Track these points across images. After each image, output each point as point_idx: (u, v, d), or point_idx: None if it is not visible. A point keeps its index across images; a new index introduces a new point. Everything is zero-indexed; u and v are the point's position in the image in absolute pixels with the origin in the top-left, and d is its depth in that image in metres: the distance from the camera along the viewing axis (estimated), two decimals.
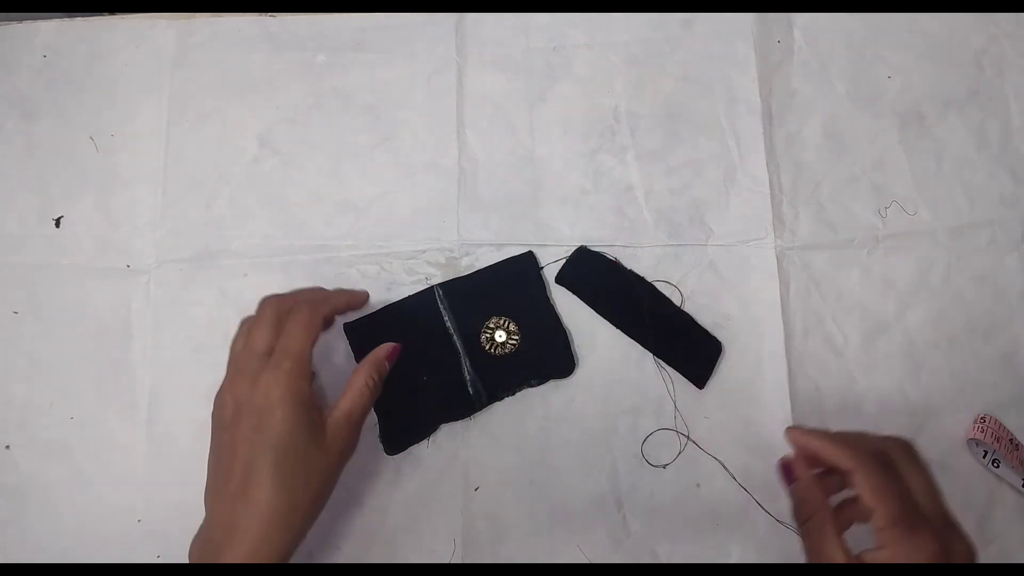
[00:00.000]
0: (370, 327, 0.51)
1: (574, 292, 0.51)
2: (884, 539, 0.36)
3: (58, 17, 0.58)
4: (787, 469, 0.40)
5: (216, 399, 0.42)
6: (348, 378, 0.43)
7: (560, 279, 0.52)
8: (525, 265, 0.52)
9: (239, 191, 0.54)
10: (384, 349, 0.45)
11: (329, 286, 0.52)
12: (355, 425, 0.42)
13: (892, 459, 0.38)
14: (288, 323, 0.42)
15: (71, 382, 0.52)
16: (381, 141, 0.55)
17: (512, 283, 0.51)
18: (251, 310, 0.52)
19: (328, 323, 0.45)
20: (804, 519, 0.39)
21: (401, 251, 0.53)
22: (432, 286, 0.51)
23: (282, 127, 0.55)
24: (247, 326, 0.43)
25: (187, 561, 0.40)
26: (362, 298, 0.49)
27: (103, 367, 0.52)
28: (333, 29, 0.57)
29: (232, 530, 0.38)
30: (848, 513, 0.39)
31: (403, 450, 0.50)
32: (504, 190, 0.54)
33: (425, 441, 0.50)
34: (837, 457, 0.38)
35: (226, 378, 0.42)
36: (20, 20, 0.58)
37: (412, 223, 0.53)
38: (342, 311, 0.47)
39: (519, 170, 0.54)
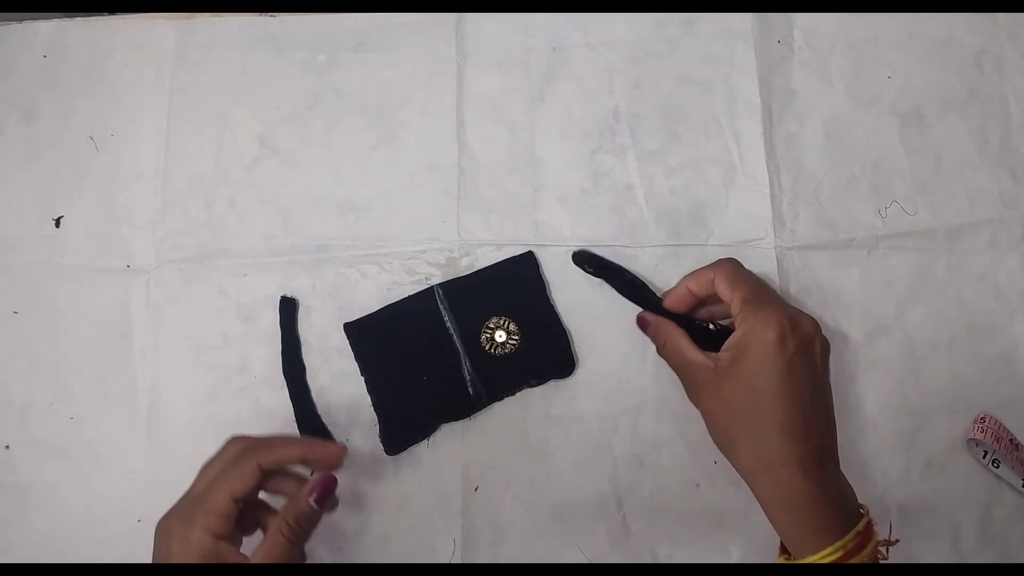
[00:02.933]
0: (369, 327, 0.51)
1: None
2: (739, 319, 0.42)
3: (58, 17, 0.58)
4: (640, 321, 0.47)
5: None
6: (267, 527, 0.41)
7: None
8: (525, 265, 0.52)
9: (239, 191, 0.54)
10: (307, 488, 0.40)
11: (329, 286, 0.52)
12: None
13: (738, 263, 0.46)
14: (218, 463, 0.40)
15: (71, 382, 0.52)
16: (381, 141, 0.55)
17: (512, 283, 0.51)
18: (251, 310, 0.52)
19: (276, 470, 0.41)
20: (664, 344, 0.45)
21: (401, 251, 0.53)
22: (432, 286, 0.51)
23: (282, 127, 0.55)
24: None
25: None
26: (328, 455, 0.42)
27: (103, 367, 0.52)
28: (333, 29, 0.57)
29: None
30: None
31: (403, 450, 0.50)
32: (504, 190, 0.54)
33: (425, 441, 0.50)
34: (699, 277, 0.45)
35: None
36: (20, 20, 0.58)
37: (412, 223, 0.53)
38: (291, 462, 0.41)
39: (519, 170, 0.54)
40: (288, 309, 0.52)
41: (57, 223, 0.54)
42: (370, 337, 0.51)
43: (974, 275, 0.53)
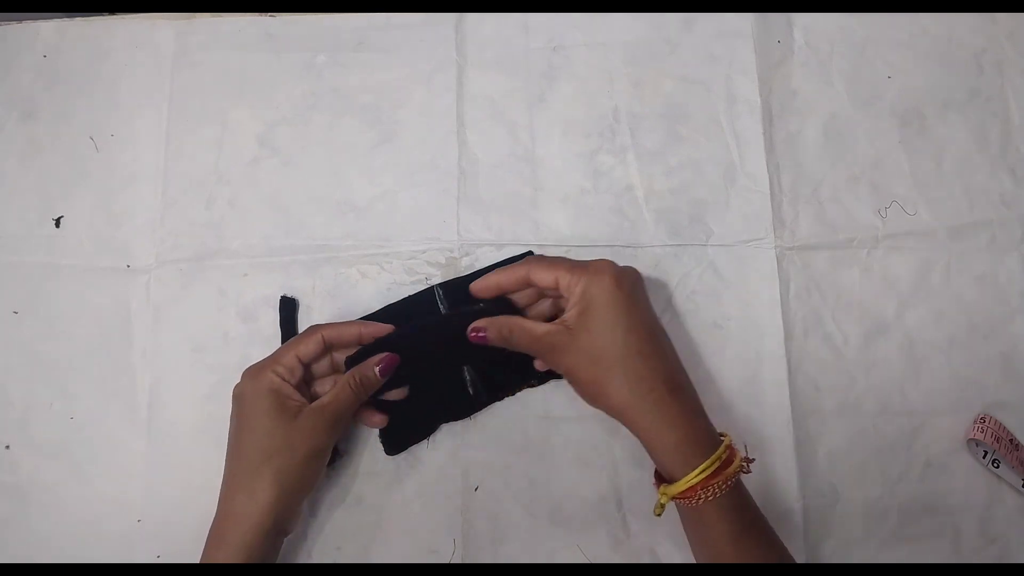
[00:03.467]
0: None
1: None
2: (571, 284, 0.44)
3: (58, 17, 0.58)
4: (473, 334, 0.46)
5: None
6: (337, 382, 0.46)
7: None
8: None
9: (239, 191, 0.54)
10: (377, 358, 0.46)
11: (329, 286, 0.52)
12: (325, 416, 0.44)
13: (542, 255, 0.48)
14: (294, 340, 0.46)
15: (71, 382, 0.52)
16: (381, 141, 0.55)
17: None
18: (251, 310, 0.52)
19: (338, 346, 0.47)
20: (508, 335, 0.45)
21: (401, 251, 0.53)
22: (432, 286, 0.51)
23: (282, 127, 0.55)
24: None
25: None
26: (380, 331, 0.48)
27: (103, 367, 0.52)
28: (333, 29, 0.57)
29: (227, 513, 0.43)
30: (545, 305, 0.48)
31: (403, 450, 0.50)
32: (504, 190, 0.54)
33: (425, 441, 0.50)
34: (510, 275, 0.46)
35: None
36: (20, 20, 0.58)
37: (412, 223, 0.53)
38: (349, 341, 0.47)
39: (519, 170, 0.54)
40: (288, 309, 0.52)
41: (57, 223, 0.54)
42: None
43: (974, 275, 0.53)
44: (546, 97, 0.56)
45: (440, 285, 0.51)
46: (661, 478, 0.44)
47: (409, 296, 0.51)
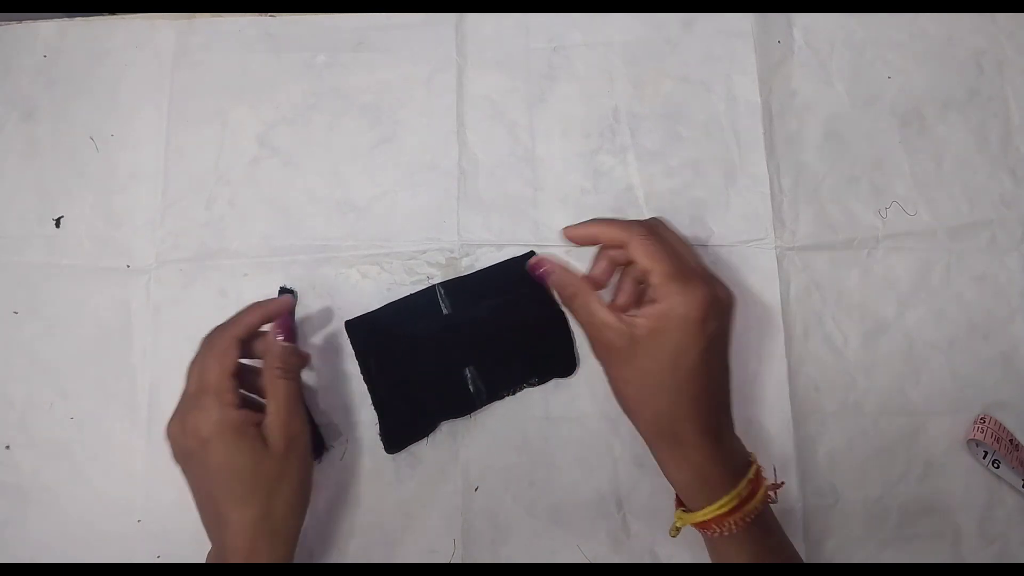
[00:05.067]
0: (371, 325, 0.51)
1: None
2: (661, 293, 0.40)
3: (58, 17, 0.58)
4: (536, 264, 0.45)
5: (170, 443, 0.43)
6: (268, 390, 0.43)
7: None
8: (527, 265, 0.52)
9: (239, 191, 0.54)
10: (271, 331, 0.44)
11: (329, 286, 0.52)
12: (287, 421, 0.42)
13: (657, 230, 0.43)
14: (201, 357, 0.43)
15: (71, 382, 0.52)
16: (381, 141, 0.55)
17: (515, 282, 0.51)
18: None
19: (257, 335, 0.45)
20: (571, 298, 0.43)
21: (401, 251, 0.53)
22: (434, 285, 0.51)
23: (282, 127, 0.55)
24: None
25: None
26: (281, 304, 0.46)
27: (103, 367, 0.52)
28: (333, 29, 0.57)
29: (223, 551, 0.41)
30: (627, 288, 0.45)
31: (403, 448, 0.50)
32: (504, 190, 0.54)
33: (425, 440, 0.50)
34: (612, 233, 0.43)
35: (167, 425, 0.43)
36: (20, 20, 0.58)
37: (412, 223, 0.53)
38: (257, 325, 0.45)
39: (519, 170, 0.54)
40: None
41: (57, 223, 0.54)
42: (371, 335, 0.51)
43: (974, 275, 0.53)
44: (546, 97, 0.56)
45: (441, 284, 0.51)
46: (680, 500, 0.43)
47: (410, 295, 0.51)
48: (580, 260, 0.52)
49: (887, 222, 0.53)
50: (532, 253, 0.52)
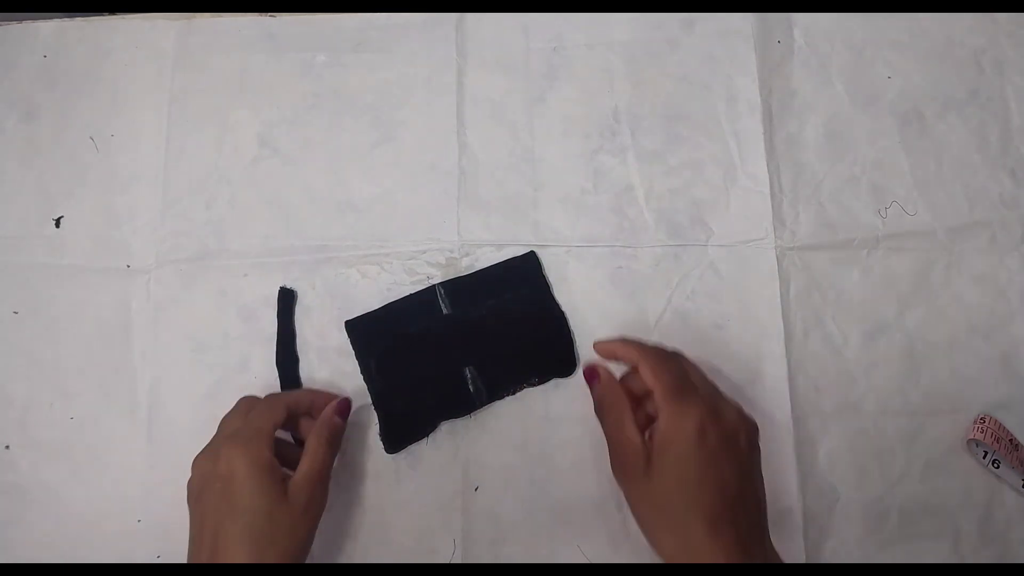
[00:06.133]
0: (371, 325, 0.51)
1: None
2: (660, 409, 0.41)
3: (58, 17, 0.58)
4: (590, 371, 0.45)
5: (193, 472, 0.44)
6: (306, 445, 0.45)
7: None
8: (528, 265, 0.52)
9: (239, 191, 0.54)
10: (332, 407, 0.46)
11: (329, 286, 0.52)
12: (316, 484, 0.43)
13: (675, 357, 0.45)
14: (247, 406, 0.46)
15: (71, 382, 0.52)
16: (381, 141, 0.55)
17: (515, 282, 0.51)
18: (251, 310, 0.52)
19: (298, 415, 0.47)
20: (606, 411, 0.44)
21: (401, 251, 0.53)
22: (434, 285, 0.51)
23: (282, 127, 0.55)
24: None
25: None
26: (343, 401, 0.48)
27: (103, 367, 0.52)
28: (333, 29, 0.57)
29: None
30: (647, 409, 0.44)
31: (403, 448, 0.50)
32: (504, 190, 0.54)
33: (425, 440, 0.50)
34: (627, 352, 0.44)
35: (204, 451, 0.44)
36: (20, 20, 0.58)
37: (412, 223, 0.53)
38: (308, 406, 0.47)
39: (519, 170, 0.54)
40: (286, 300, 0.52)
41: (57, 223, 0.54)
42: (371, 334, 0.51)
43: (974, 275, 0.53)
44: (546, 97, 0.56)
45: (441, 284, 0.51)
46: None
47: (410, 295, 0.51)
48: (580, 260, 0.52)
49: (887, 222, 0.53)
50: (533, 253, 0.52)
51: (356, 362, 0.51)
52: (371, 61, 0.56)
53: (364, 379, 0.50)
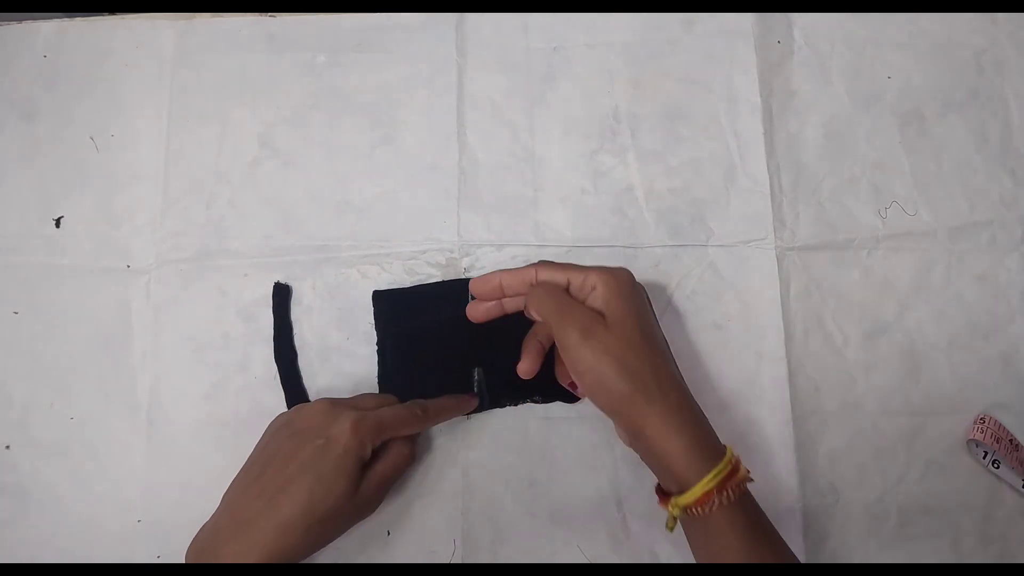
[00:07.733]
0: (398, 302, 0.51)
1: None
2: (585, 284, 0.43)
3: (58, 17, 0.58)
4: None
5: (291, 412, 0.45)
6: (390, 445, 0.45)
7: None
8: None
9: (239, 191, 0.54)
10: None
11: (329, 286, 0.52)
12: (383, 487, 0.45)
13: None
14: (391, 407, 0.46)
15: (71, 382, 0.52)
16: (381, 141, 0.55)
17: None
18: (252, 310, 0.52)
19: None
20: (549, 303, 0.44)
21: (401, 251, 0.53)
22: (467, 278, 0.50)
23: (282, 127, 0.55)
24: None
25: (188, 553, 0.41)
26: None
27: (103, 367, 0.52)
28: (333, 29, 0.57)
29: (244, 525, 0.41)
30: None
31: None
32: (504, 190, 0.54)
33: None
34: (520, 275, 0.45)
35: (311, 403, 0.45)
36: (20, 20, 0.58)
37: (412, 223, 0.53)
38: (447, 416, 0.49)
39: (519, 170, 0.54)
40: (281, 295, 0.52)
41: (57, 223, 0.54)
42: (395, 312, 0.51)
43: (974, 275, 0.53)
44: (546, 97, 0.56)
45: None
46: (663, 492, 0.43)
47: (442, 281, 0.51)
48: (580, 260, 0.52)
49: (887, 222, 0.53)
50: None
51: (356, 362, 0.51)
52: (371, 61, 0.56)
53: (377, 352, 0.50)
